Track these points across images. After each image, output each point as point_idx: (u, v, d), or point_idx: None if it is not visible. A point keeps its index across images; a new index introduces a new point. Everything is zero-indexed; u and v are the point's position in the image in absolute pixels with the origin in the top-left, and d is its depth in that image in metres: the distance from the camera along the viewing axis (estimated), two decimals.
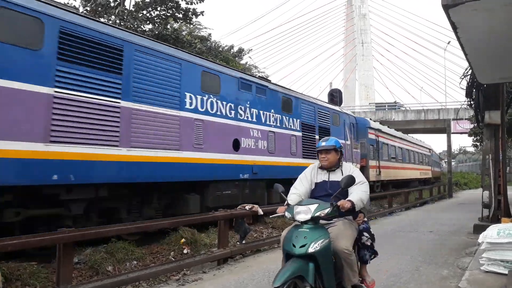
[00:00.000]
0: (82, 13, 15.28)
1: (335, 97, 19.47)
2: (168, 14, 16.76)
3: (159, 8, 16.58)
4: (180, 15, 16.87)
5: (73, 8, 14.81)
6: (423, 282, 5.25)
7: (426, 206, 18.60)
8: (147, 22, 16.66)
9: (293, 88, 12.74)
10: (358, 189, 3.59)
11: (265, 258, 6.76)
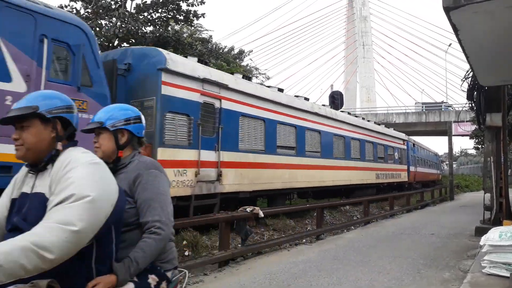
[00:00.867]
0: (83, 15, 15.41)
1: (336, 99, 19.50)
2: (169, 16, 16.80)
3: (160, 10, 16.60)
4: (181, 17, 16.91)
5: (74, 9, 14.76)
6: (425, 284, 5.24)
7: (428, 208, 18.57)
8: (148, 24, 16.69)
9: (293, 89, 12.75)
10: (47, 223, 1.45)
11: (266, 260, 6.72)
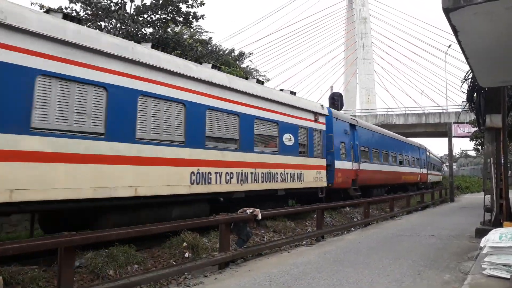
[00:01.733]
0: (83, 17, 15.39)
1: (336, 101, 19.52)
2: (169, 18, 16.81)
3: (159, 12, 16.62)
4: (181, 19, 16.93)
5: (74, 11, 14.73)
6: (425, 286, 5.23)
7: (428, 210, 18.55)
8: (148, 26, 16.71)
9: (293, 90, 12.73)
10: None
11: (266, 262, 6.72)
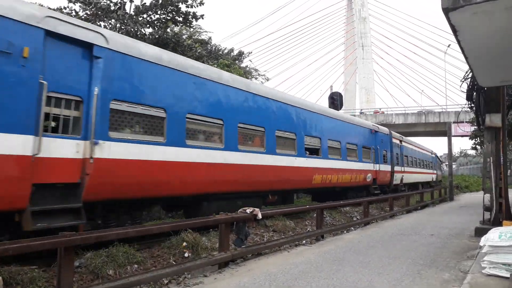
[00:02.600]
0: (82, 17, 15.36)
1: (336, 100, 19.52)
2: (168, 18, 16.79)
3: (159, 12, 16.60)
4: (180, 19, 16.91)
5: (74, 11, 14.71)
6: (425, 285, 5.23)
7: (427, 209, 18.56)
8: (147, 26, 16.69)
9: (293, 90, 12.75)
10: None
11: (266, 262, 6.72)
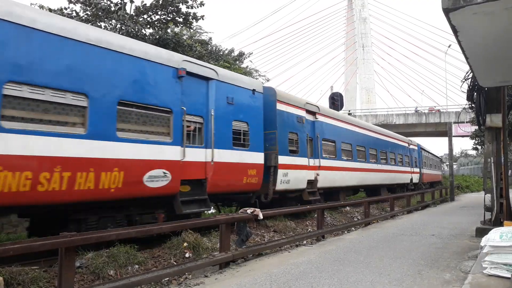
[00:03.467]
0: (83, 18, 15.37)
1: (336, 101, 19.50)
2: (169, 19, 16.81)
3: (159, 13, 16.61)
4: (181, 19, 16.92)
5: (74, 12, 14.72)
6: (425, 286, 5.23)
7: (428, 209, 18.56)
8: (148, 26, 16.70)
9: (293, 90, 12.74)
10: None
11: (267, 262, 6.72)
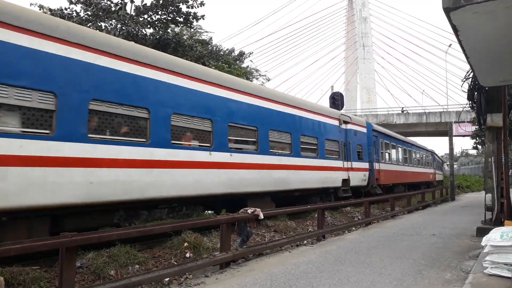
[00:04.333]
0: (83, 18, 15.39)
1: (337, 100, 19.48)
2: (169, 18, 16.82)
3: (160, 12, 16.63)
4: (181, 19, 16.94)
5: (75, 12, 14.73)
6: (426, 285, 5.22)
7: (429, 209, 18.55)
8: (148, 26, 16.71)
9: (294, 90, 12.76)
10: None
11: (267, 262, 6.72)
